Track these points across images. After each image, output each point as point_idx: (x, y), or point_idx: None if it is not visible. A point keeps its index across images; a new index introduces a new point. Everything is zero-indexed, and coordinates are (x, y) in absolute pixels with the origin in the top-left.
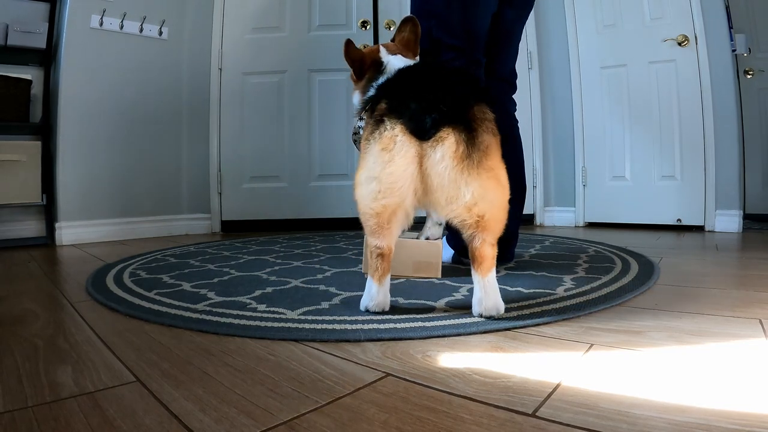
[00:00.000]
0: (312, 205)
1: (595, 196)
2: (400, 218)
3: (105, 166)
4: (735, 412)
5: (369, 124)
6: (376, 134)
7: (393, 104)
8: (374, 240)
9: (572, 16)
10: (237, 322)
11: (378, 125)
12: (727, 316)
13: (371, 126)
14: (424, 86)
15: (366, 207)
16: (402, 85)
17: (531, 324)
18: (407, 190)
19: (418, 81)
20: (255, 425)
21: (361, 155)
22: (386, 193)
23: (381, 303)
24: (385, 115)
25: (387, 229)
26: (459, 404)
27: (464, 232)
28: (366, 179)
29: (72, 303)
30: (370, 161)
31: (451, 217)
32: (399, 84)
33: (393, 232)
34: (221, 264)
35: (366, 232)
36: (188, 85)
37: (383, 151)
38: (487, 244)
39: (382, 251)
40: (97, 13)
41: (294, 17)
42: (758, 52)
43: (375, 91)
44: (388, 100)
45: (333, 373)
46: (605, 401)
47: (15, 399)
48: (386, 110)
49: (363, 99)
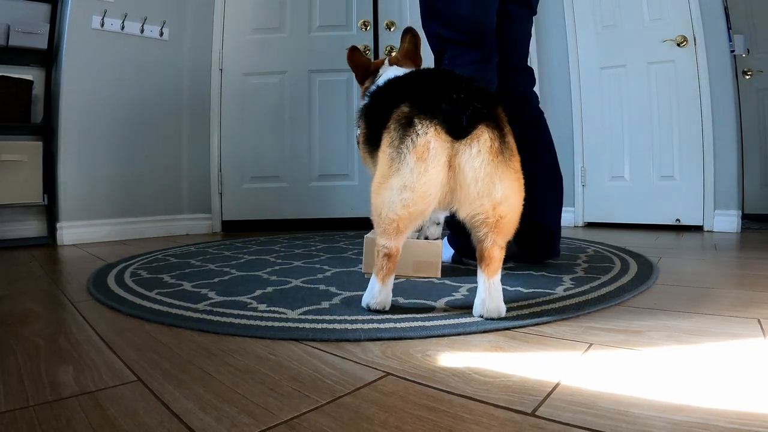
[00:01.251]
0: (312, 205)
1: (594, 196)
2: (418, 222)
3: (106, 166)
4: (734, 411)
5: (393, 129)
6: (407, 141)
7: (421, 105)
8: (385, 240)
9: (571, 17)
10: (237, 322)
11: (407, 129)
12: (725, 316)
13: (397, 130)
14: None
15: (390, 212)
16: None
17: (530, 323)
18: (436, 197)
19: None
20: (255, 424)
21: (384, 159)
22: (417, 201)
23: (382, 302)
24: (415, 116)
25: (402, 232)
26: (459, 403)
27: (478, 231)
28: (398, 187)
29: (73, 302)
30: (404, 170)
31: (476, 213)
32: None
33: (406, 235)
34: (222, 264)
35: (378, 232)
36: (189, 85)
37: (418, 162)
38: (497, 246)
39: (390, 252)
40: (98, 14)
41: (294, 18)
42: (757, 53)
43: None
44: (412, 101)
45: (333, 372)
46: (604, 400)
47: (16, 398)
48: (414, 111)
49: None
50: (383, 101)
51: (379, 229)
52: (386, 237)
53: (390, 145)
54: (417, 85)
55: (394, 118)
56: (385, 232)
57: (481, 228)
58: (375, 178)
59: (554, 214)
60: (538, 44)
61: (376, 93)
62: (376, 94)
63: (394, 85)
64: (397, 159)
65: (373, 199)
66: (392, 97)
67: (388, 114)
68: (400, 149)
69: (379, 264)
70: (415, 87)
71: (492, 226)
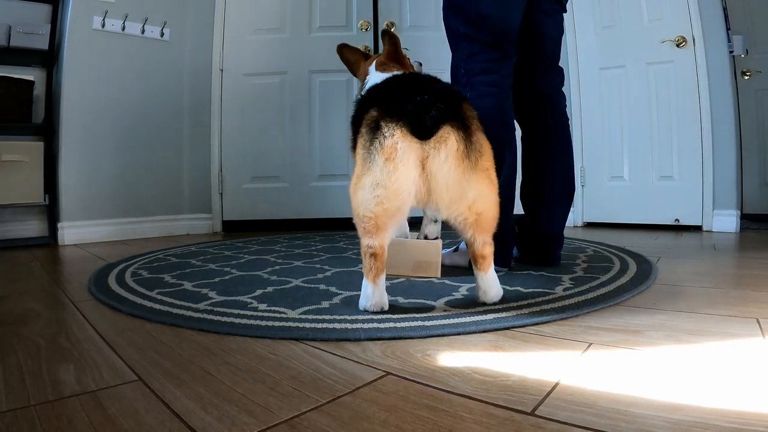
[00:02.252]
0: (312, 205)
1: (594, 196)
2: (397, 219)
3: (107, 166)
4: (732, 410)
5: (364, 132)
6: (376, 143)
7: (387, 108)
8: (367, 240)
9: (571, 17)
10: (238, 322)
11: (375, 132)
12: (724, 316)
13: (368, 134)
14: (409, 89)
15: (366, 210)
16: (385, 93)
17: (530, 323)
18: (409, 194)
19: (400, 87)
20: (256, 424)
21: (358, 161)
22: (390, 198)
23: (378, 303)
24: (381, 119)
25: (383, 230)
26: (458, 403)
27: (465, 234)
28: (370, 185)
29: (74, 302)
30: (374, 169)
31: (454, 216)
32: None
33: (388, 233)
34: (222, 263)
35: (360, 233)
36: (190, 85)
37: (387, 161)
38: (487, 244)
39: (374, 251)
40: (99, 15)
41: (294, 19)
42: (755, 53)
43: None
44: (379, 105)
45: (333, 372)
46: (604, 400)
47: (18, 398)
48: (381, 115)
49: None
50: (360, 109)
51: (360, 229)
52: (368, 236)
53: (362, 147)
54: (387, 90)
55: (365, 122)
56: (366, 231)
57: (465, 230)
58: (352, 180)
59: (562, 223)
60: None
61: (358, 102)
62: (357, 102)
63: (370, 93)
64: (368, 159)
65: (351, 202)
66: (366, 105)
67: (362, 120)
68: (370, 150)
69: (368, 265)
70: (385, 92)
71: (473, 225)
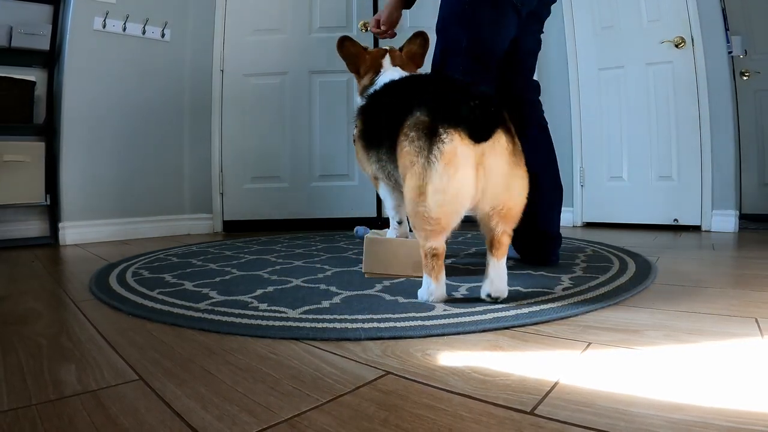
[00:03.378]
0: (313, 206)
1: (593, 196)
2: (457, 220)
3: (108, 166)
4: (732, 410)
5: (415, 137)
6: (435, 150)
7: (440, 113)
8: (430, 242)
9: (570, 18)
10: (238, 321)
11: (431, 138)
12: (723, 315)
13: (421, 139)
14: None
15: (429, 215)
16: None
17: (529, 323)
18: (468, 196)
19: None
20: (256, 423)
21: (417, 169)
22: (452, 201)
23: (440, 296)
24: (438, 125)
25: (445, 232)
26: (458, 402)
27: (490, 221)
28: (432, 191)
29: (75, 302)
30: (435, 175)
31: (495, 206)
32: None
33: (448, 233)
34: (223, 263)
35: (421, 236)
36: (190, 86)
37: (447, 166)
38: (506, 234)
39: (437, 251)
40: (100, 16)
41: (295, 19)
42: (754, 54)
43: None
44: (428, 110)
45: (333, 371)
46: (603, 399)
47: (19, 397)
48: (435, 120)
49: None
50: (388, 106)
51: (421, 232)
52: (430, 239)
53: (418, 154)
54: (426, 92)
55: (414, 127)
56: (429, 234)
57: (493, 218)
58: (410, 186)
59: (558, 222)
60: None
61: (378, 96)
62: (377, 96)
63: (399, 91)
64: (427, 167)
65: (411, 208)
66: (401, 105)
67: (399, 121)
68: (429, 158)
69: (430, 265)
70: (425, 94)
71: (503, 216)
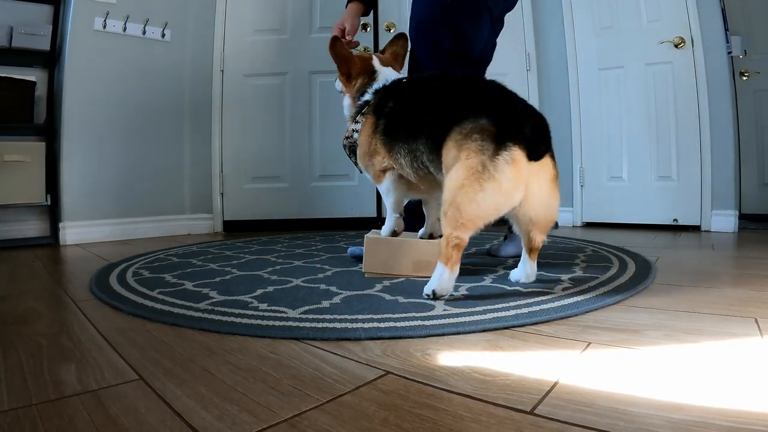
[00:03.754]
0: (313, 206)
1: (593, 196)
2: (487, 223)
3: (108, 166)
4: (731, 410)
5: (479, 138)
6: (500, 158)
7: (506, 125)
8: (461, 233)
9: (570, 19)
10: (239, 321)
11: (498, 147)
12: (723, 315)
13: (488, 145)
14: (508, 103)
15: (481, 212)
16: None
17: (529, 322)
18: (509, 207)
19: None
20: (256, 423)
21: (475, 167)
22: (503, 205)
23: (449, 288)
24: (505, 137)
25: (475, 229)
26: (458, 402)
27: (529, 228)
28: (490, 192)
29: (76, 302)
30: (502, 179)
31: (535, 217)
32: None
33: (475, 232)
34: (223, 263)
35: (455, 226)
36: (190, 86)
37: (513, 173)
38: (542, 240)
39: (462, 243)
40: (101, 16)
41: (295, 20)
42: (754, 54)
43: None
44: (491, 118)
45: (333, 371)
46: (603, 399)
47: (19, 397)
48: (501, 131)
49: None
50: (430, 105)
51: (458, 223)
52: (464, 231)
53: (481, 153)
54: (485, 97)
55: (479, 131)
56: (465, 226)
57: (532, 228)
58: (463, 181)
59: None
60: (537, 46)
61: (404, 93)
62: (401, 94)
63: (440, 90)
64: (492, 169)
65: (461, 197)
66: (452, 105)
67: (451, 120)
68: (494, 161)
69: (449, 254)
70: (486, 100)
71: (540, 228)
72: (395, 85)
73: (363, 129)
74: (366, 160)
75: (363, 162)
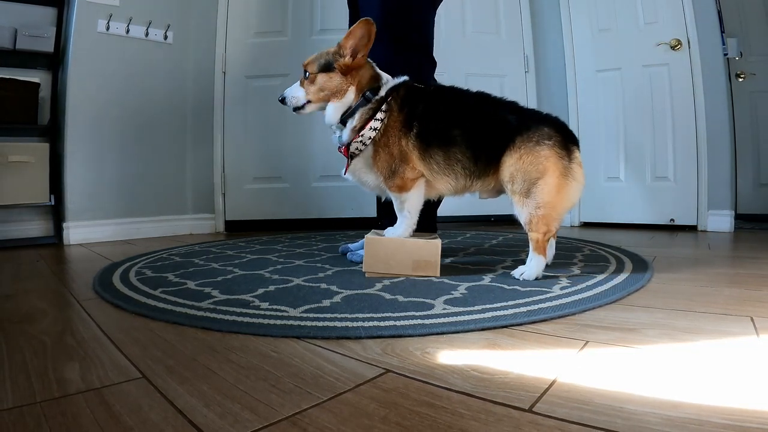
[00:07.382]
0: (314, 206)
1: (590, 196)
2: None
3: (111, 167)
4: (727, 407)
5: (557, 146)
6: (573, 164)
7: (568, 136)
8: (552, 226)
9: (568, 21)
10: (240, 320)
11: (570, 155)
12: (719, 314)
13: (565, 152)
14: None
15: (563, 212)
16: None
17: (527, 321)
18: None
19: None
20: (258, 420)
21: (557, 175)
22: (573, 204)
23: (541, 272)
24: (571, 145)
25: (559, 220)
26: (457, 400)
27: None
28: (568, 196)
29: (79, 301)
30: (574, 185)
31: None
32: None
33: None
34: (225, 263)
35: (555, 224)
36: (193, 88)
37: (577, 176)
38: None
39: (552, 233)
40: (104, 18)
41: (296, 22)
42: (750, 56)
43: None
44: (557, 130)
45: (334, 369)
46: (600, 397)
47: (23, 395)
48: (568, 141)
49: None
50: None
51: (552, 226)
52: (551, 225)
53: (560, 158)
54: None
55: (549, 138)
56: (552, 222)
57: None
58: (551, 188)
59: None
60: (535, 48)
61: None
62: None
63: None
64: (570, 177)
65: (554, 202)
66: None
67: (507, 133)
68: (570, 168)
69: (543, 245)
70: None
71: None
72: (415, 89)
73: (386, 131)
74: (392, 165)
75: (387, 167)
